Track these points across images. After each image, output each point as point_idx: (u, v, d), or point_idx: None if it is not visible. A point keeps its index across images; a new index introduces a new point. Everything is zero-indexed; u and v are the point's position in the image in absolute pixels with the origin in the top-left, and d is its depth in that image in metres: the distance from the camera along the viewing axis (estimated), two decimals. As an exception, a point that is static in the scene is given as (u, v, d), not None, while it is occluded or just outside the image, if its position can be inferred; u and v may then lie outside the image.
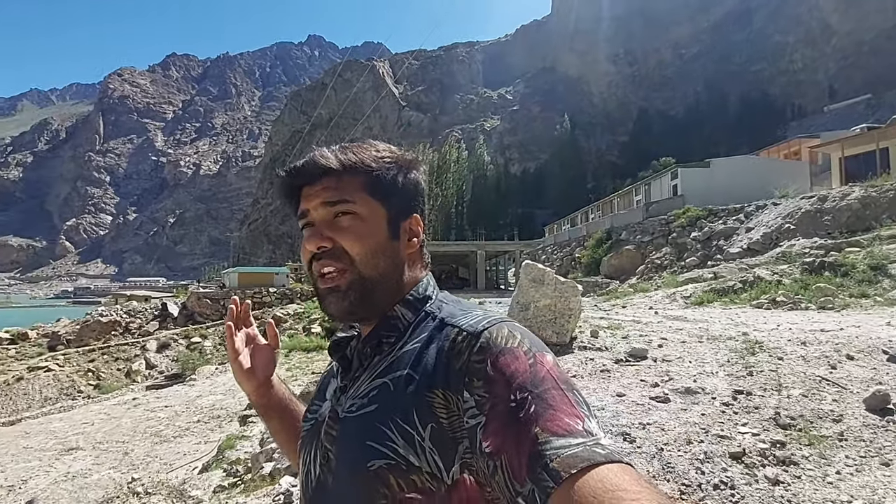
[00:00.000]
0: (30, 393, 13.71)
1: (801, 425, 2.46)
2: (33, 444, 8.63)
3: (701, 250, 15.22)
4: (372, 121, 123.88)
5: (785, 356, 3.53)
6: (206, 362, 18.55)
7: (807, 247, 10.78)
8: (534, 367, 0.53)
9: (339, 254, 0.64)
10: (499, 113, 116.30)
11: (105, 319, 19.00)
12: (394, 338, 0.65)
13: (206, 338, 20.74)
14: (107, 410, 11.74)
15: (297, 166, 0.68)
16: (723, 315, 6.50)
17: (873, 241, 9.38)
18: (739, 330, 4.75)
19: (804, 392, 2.85)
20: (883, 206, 11.45)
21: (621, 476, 0.44)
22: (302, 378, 15.23)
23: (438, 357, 0.58)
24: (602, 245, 20.71)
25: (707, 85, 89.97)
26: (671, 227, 17.54)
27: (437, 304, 0.68)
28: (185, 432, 10.40)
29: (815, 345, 3.75)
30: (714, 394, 2.95)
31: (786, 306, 6.93)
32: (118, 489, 3.45)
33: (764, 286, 8.21)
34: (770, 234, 13.19)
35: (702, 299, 8.60)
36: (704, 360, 3.67)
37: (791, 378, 3.08)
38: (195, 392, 14.18)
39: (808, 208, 12.94)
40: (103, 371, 15.65)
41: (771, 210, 14.40)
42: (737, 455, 2.23)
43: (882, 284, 7.11)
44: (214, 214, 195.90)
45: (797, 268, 8.77)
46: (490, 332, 0.57)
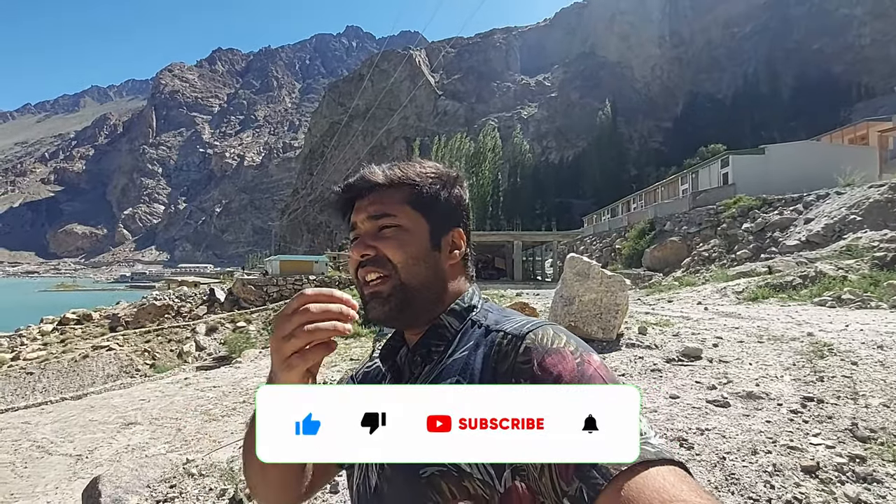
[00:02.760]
0: (94, 370, 14.72)
1: (884, 438, 2.23)
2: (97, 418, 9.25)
3: (753, 242, 14.42)
4: (408, 111, 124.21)
5: (860, 361, 3.23)
6: (251, 346, 19.31)
7: (876, 240, 9.98)
8: (581, 367, 0.53)
9: (382, 261, 0.66)
10: (536, 100, 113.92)
11: (159, 303, 20.09)
12: (442, 346, 0.66)
13: (250, 322, 21.56)
14: (161, 388, 12.43)
15: (350, 182, 0.71)
16: (781, 313, 6.10)
17: (954, 233, 8.56)
18: (803, 330, 4.42)
19: (885, 402, 2.59)
20: (965, 196, 10.45)
21: (679, 485, 0.42)
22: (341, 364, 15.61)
23: (485, 362, 0.59)
24: (644, 236, 20.01)
25: (760, 66, 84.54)
26: (721, 217, 16.71)
27: (482, 312, 0.69)
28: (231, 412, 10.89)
29: (894, 349, 3.42)
30: (780, 400, 2.73)
31: (853, 305, 6.43)
32: (174, 469, 3.60)
33: (827, 282, 7.65)
34: (833, 225, 12.31)
35: (756, 295, 8.12)
36: (766, 362, 3.42)
37: (868, 385, 2.81)
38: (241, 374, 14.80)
39: (878, 198, 11.97)
40: (158, 351, 16.58)
41: (834, 199, 13.44)
42: (810, 469, 2.04)
43: (966, 282, 6.46)
44: (257, 204, 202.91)
45: (865, 262, 8.12)
46: (535, 334, 0.57)
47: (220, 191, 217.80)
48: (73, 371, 14.06)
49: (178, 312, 21.01)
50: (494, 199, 60.24)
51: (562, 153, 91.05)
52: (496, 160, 60.10)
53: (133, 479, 3.13)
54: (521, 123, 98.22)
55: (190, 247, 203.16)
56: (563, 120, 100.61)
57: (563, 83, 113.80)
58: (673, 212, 20.41)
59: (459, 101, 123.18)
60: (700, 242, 16.66)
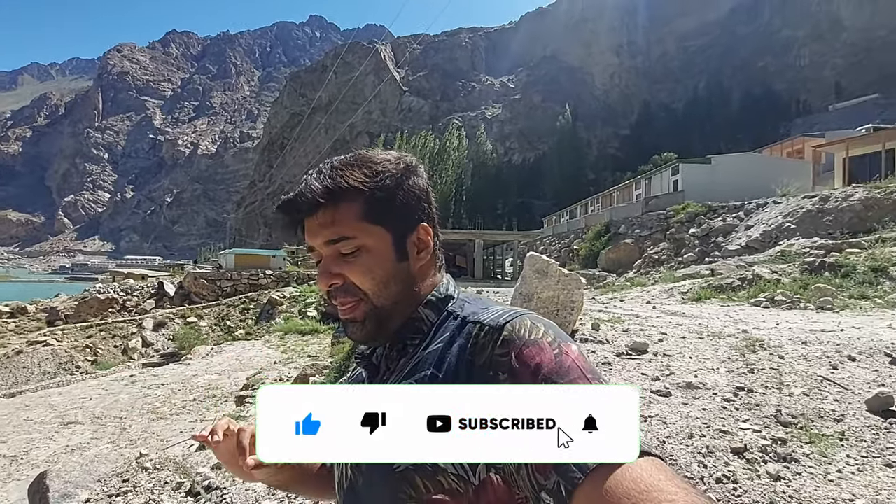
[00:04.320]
0: (28, 366, 13.78)
1: (803, 423, 2.48)
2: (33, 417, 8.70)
3: (699, 246, 15.25)
4: (372, 105, 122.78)
5: (786, 355, 3.55)
6: (202, 342, 18.62)
7: (807, 246, 10.81)
8: (559, 358, 0.52)
9: (351, 289, 0.64)
10: (500, 101, 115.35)
11: (103, 296, 19.02)
12: (418, 339, 0.65)
13: (202, 318, 20.78)
14: (104, 386, 11.80)
15: (288, 200, 0.65)
16: (721, 312, 6.53)
17: (875, 242, 9.41)
18: (739, 327, 4.78)
19: (805, 391, 2.87)
20: (887, 209, 11.46)
21: (656, 475, 0.43)
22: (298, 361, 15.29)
23: (461, 354, 0.58)
24: (600, 238, 20.72)
25: (710, 79, 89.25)
26: (670, 222, 17.54)
27: (458, 303, 0.67)
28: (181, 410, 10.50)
29: (815, 344, 3.77)
30: (715, 389, 2.97)
31: (784, 305, 6.97)
32: (127, 464, 3.48)
33: (763, 284, 8.24)
34: (770, 232, 13.21)
35: (699, 295, 8.64)
36: (705, 356, 3.69)
37: (792, 377, 3.10)
38: (191, 371, 14.25)
39: (810, 208, 12.95)
40: (101, 347, 15.72)
41: (772, 208, 14.41)
42: (738, 450, 2.25)
43: (883, 287, 7.14)
44: (211, 195, 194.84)
45: (797, 267, 8.80)
46: (513, 325, 0.56)
47: (171, 180, 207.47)
48: (5, 368, 13.12)
49: (124, 306, 19.97)
50: (457, 198, 60.63)
51: (524, 154, 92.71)
52: (460, 159, 60.48)
53: (83, 474, 3.01)
54: (485, 123, 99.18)
55: (137, 238, 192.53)
56: (526, 122, 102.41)
57: (527, 86, 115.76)
58: (627, 215, 21.24)
59: (424, 99, 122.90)
60: (651, 245, 17.44)
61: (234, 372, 13.73)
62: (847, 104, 59.98)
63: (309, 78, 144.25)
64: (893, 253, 8.17)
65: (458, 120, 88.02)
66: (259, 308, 22.57)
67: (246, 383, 11.56)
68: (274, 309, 22.83)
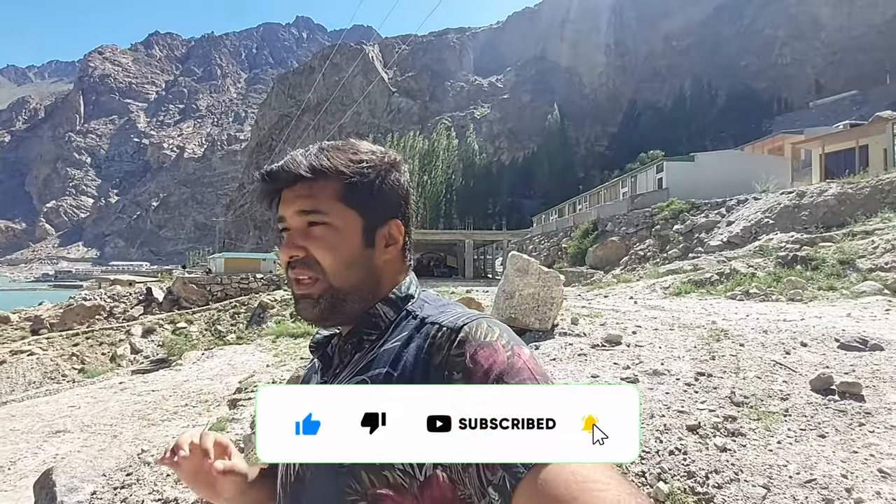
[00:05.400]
0: (13, 377, 13.68)
1: (753, 403, 2.71)
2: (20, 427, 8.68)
3: (683, 243, 15.60)
4: (361, 106, 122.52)
5: (746, 343, 3.80)
6: (193, 347, 18.53)
7: (783, 241, 11.16)
8: (511, 359, 0.54)
9: (312, 263, 0.65)
10: (489, 101, 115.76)
11: (89, 304, 18.89)
12: (374, 335, 0.66)
13: (192, 323, 20.70)
14: (93, 394, 11.79)
15: (272, 170, 0.67)
16: (697, 305, 6.81)
17: (846, 236, 9.77)
18: (710, 319, 5.04)
19: (758, 374, 3.11)
20: (858, 203, 11.84)
21: (592, 467, 0.45)
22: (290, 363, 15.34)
23: (418, 354, 0.59)
24: (588, 236, 21.04)
25: (696, 78, 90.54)
26: (655, 219, 17.88)
27: (418, 303, 0.68)
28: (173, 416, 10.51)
29: (775, 333, 4.03)
30: (678, 375, 3.20)
31: (758, 298, 7.26)
32: (130, 459, 3.61)
33: (739, 278, 8.55)
34: (749, 228, 13.58)
35: (680, 290, 8.92)
36: (673, 345, 3.93)
37: (749, 362, 3.34)
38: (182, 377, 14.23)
39: (787, 203, 13.33)
40: (88, 355, 15.63)
41: (751, 204, 14.79)
42: (693, 427, 2.48)
43: (849, 278, 7.47)
44: (199, 199, 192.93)
45: (772, 261, 9.13)
46: (470, 327, 0.58)
47: (157, 183, 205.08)
48: (-11, 378, 13.01)
49: (111, 313, 19.85)
50: (448, 198, 60.80)
51: (513, 154, 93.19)
52: (450, 159, 60.66)
53: (88, 469, 3.15)
54: (474, 123, 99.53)
55: (123, 243, 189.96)
56: (515, 121, 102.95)
57: (515, 85, 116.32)
58: (614, 213, 21.58)
59: (413, 99, 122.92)
60: (637, 242, 17.78)
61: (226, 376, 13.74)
62: (826, 101, 61.30)
63: (297, 79, 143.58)
64: (861, 245, 8.53)
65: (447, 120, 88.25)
66: (250, 312, 22.52)
67: (238, 386, 11.63)
68: (265, 312, 22.80)
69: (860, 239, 9.21)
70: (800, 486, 1.92)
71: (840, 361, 3.20)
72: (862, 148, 17.62)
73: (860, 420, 2.40)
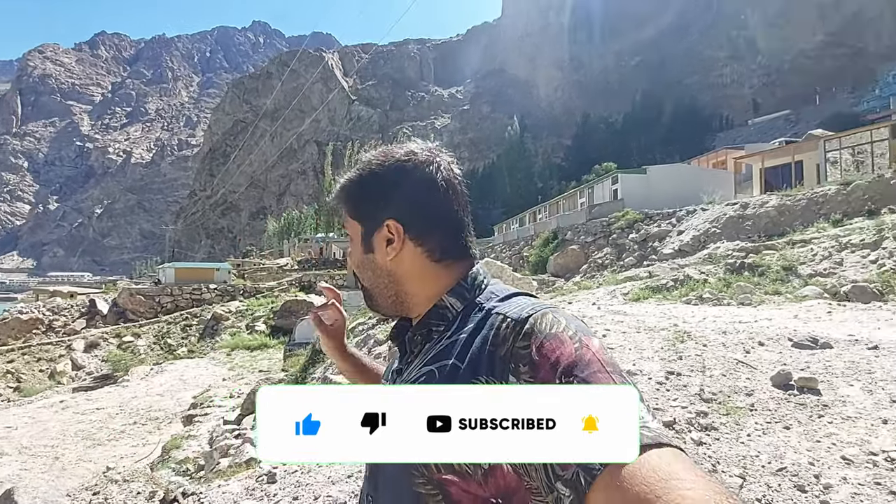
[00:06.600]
0: (-64, 398, 12.51)
1: (721, 399, 2.85)
2: (-50, 452, 7.94)
3: (638, 251, 16.24)
4: (320, 114, 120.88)
5: (709, 343, 4.00)
6: (140, 362, 17.54)
7: (730, 249, 11.83)
8: (579, 351, 0.53)
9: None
10: (449, 112, 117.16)
11: (25, 317, 17.53)
12: (443, 326, 0.68)
13: (139, 336, 19.61)
14: (31, 414, 10.90)
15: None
16: (657, 310, 7.09)
17: (786, 244, 10.48)
18: (671, 322, 5.26)
19: (723, 372, 3.28)
20: (796, 214, 12.76)
21: (674, 463, 0.43)
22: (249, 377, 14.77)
23: (483, 345, 0.59)
24: (549, 244, 21.53)
25: (645, 94, 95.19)
26: (612, 228, 18.55)
27: (486, 294, 0.69)
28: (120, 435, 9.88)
29: (733, 334, 4.26)
30: (650, 375, 3.32)
31: (711, 302, 7.65)
32: (95, 477, 3.35)
33: (692, 284, 8.97)
34: (699, 237, 14.33)
35: (638, 296, 9.26)
36: (642, 347, 4.08)
37: (713, 361, 3.52)
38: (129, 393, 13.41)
39: (732, 214, 14.17)
40: (24, 372, 14.50)
41: (699, 215, 15.62)
42: (668, 423, 2.57)
43: (792, 283, 8.01)
44: (147, 206, 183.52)
45: (721, 268, 9.65)
46: (535, 319, 0.57)
47: (101, 190, 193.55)
48: None
49: (50, 327, 18.49)
50: (409, 207, 60.61)
51: (474, 164, 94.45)
52: (411, 168, 60.58)
53: (50, 490, 2.91)
54: (435, 133, 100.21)
55: (62, 252, 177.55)
56: (475, 132, 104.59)
57: (475, 97, 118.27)
58: (573, 223, 22.23)
59: (373, 108, 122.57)
60: (595, 251, 18.36)
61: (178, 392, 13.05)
62: (763, 119, 65.88)
63: (253, 84, 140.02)
64: (801, 253, 9.18)
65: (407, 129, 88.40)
66: (203, 324, 21.55)
67: (193, 402, 11.05)
68: (219, 324, 21.87)
69: (800, 247, 9.91)
70: (772, 474, 2.03)
71: (795, 359, 3.42)
72: (797, 163, 19.01)
73: (819, 412, 2.57)
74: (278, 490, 2.75)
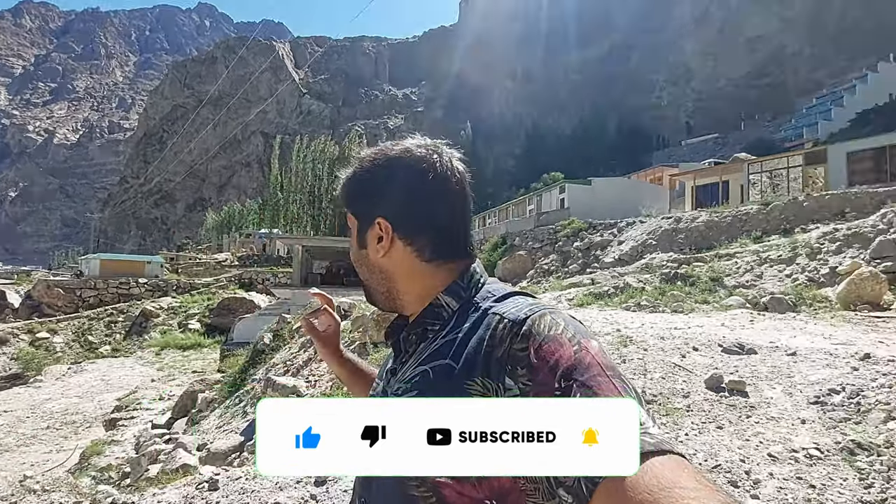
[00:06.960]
0: None
1: (661, 400, 3.03)
2: None
3: (582, 259, 16.93)
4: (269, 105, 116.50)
5: (649, 348, 4.24)
6: (56, 361, 16.20)
7: (665, 260, 12.62)
8: (578, 354, 0.52)
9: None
10: (403, 112, 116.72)
11: (-85, 309, 15.62)
12: (438, 325, 0.67)
13: (56, 333, 18.05)
14: (-78, 419, 9.73)
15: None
16: (600, 315, 7.43)
17: (714, 258, 11.32)
18: (614, 327, 5.53)
19: (663, 375, 3.48)
20: (722, 229, 13.82)
21: (678, 472, 0.43)
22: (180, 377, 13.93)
23: (479, 346, 0.58)
24: (497, 249, 21.95)
25: (591, 110, 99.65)
26: (558, 236, 19.21)
27: (483, 293, 0.68)
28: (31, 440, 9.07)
29: (670, 339, 4.55)
30: (596, 378, 3.47)
31: (648, 309, 8.12)
32: (10, 487, 3.00)
33: (631, 292, 9.49)
34: (637, 247, 15.16)
35: (582, 301, 9.66)
36: (588, 351, 4.27)
37: (653, 365, 3.73)
38: (42, 395, 12.37)
39: (667, 227, 15.12)
40: (-88, 372, 12.92)
41: (638, 227, 16.53)
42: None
43: (719, 293, 8.67)
44: (70, 191, 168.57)
45: (657, 277, 10.27)
46: (533, 320, 0.56)
47: (17, 171, 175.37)
48: None
49: (-53, 320, 16.54)
50: (358, 206, 59.73)
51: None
52: (362, 167, 59.75)
53: None
54: (388, 133, 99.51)
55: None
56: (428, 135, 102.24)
57: (429, 100, 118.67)
58: (521, 229, 22.81)
59: (325, 103, 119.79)
60: (542, 257, 18.94)
61: (99, 394, 12.15)
62: (695, 140, 70.87)
63: (196, 69, 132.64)
64: (727, 266, 9.95)
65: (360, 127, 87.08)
66: (130, 321, 20.14)
67: (118, 404, 10.30)
68: (148, 322, 20.50)
69: (725, 260, 10.74)
70: (708, 471, 2.18)
71: (725, 363, 3.71)
72: (724, 183, 20.62)
73: (747, 413, 2.80)
74: (221, 498, 2.61)
